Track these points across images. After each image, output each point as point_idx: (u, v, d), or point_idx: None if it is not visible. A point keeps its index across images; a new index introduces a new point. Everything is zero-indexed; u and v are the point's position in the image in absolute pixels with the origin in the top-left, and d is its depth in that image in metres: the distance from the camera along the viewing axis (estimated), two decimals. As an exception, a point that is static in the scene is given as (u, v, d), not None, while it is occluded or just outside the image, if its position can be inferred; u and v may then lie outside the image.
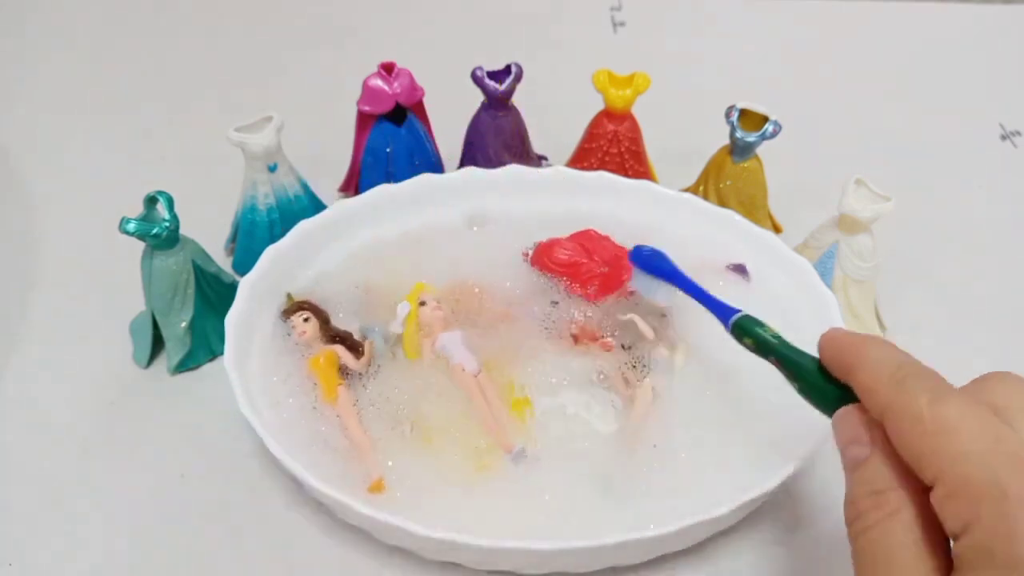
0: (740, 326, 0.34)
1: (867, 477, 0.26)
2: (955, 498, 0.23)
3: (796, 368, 0.31)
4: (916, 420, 0.24)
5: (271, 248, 0.44)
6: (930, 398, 0.25)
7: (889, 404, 0.25)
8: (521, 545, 0.32)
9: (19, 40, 0.72)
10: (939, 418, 0.24)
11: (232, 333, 0.39)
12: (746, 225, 0.46)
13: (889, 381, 0.26)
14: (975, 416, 0.24)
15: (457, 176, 0.49)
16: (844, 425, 0.28)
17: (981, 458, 0.23)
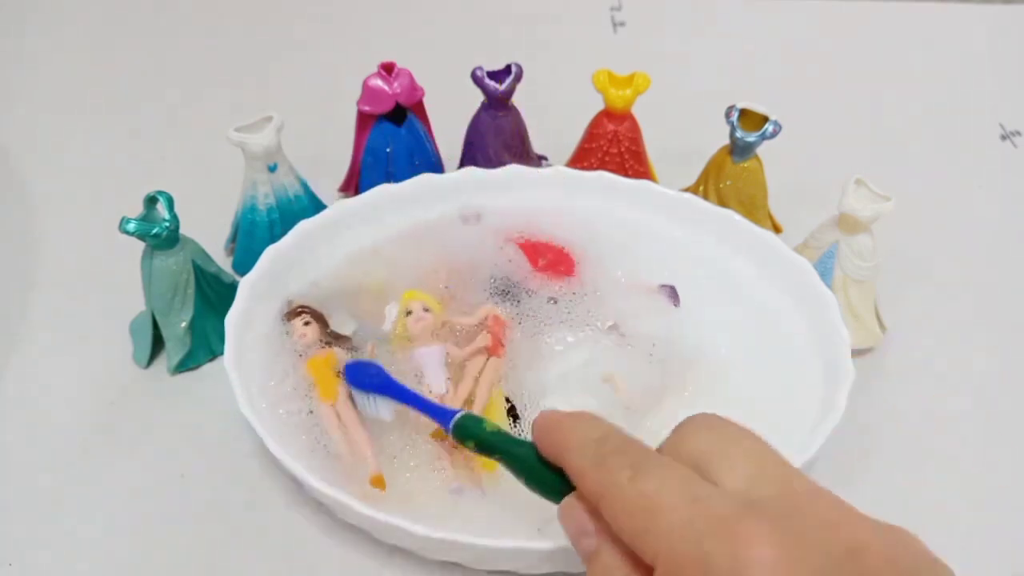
0: (460, 428, 0.33)
1: (603, 568, 0.25)
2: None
3: (518, 461, 0.30)
4: (621, 501, 0.24)
5: (271, 248, 0.44)
6: (630, 474, 0.24)
7: (595, 489, 0.25)
8: (521, 545, 0.32)
9: (19, 40, 0.72)
10: (641, 495, 0.24)
11: (232, 333, 0.39)
12: (746, 225, 0.46)
13: (592, 462, 0.26)
14: (675, 482, 0.24)
15: (457, 176, 0.49)
16: (568, 518, 0.27)
17: (684, 531, 0.23)
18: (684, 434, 0.27)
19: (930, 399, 0.45)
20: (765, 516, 0.22)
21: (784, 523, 0.22)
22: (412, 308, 0.42)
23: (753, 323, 0.43)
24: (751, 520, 0.22)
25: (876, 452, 0.42)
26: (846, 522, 0.23)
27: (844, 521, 0.23)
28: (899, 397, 0.45)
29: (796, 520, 0.23)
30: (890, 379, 0.46)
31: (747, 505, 0.23)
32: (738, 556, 0.21)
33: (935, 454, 0.42)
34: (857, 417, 0.39)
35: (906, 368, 0.46)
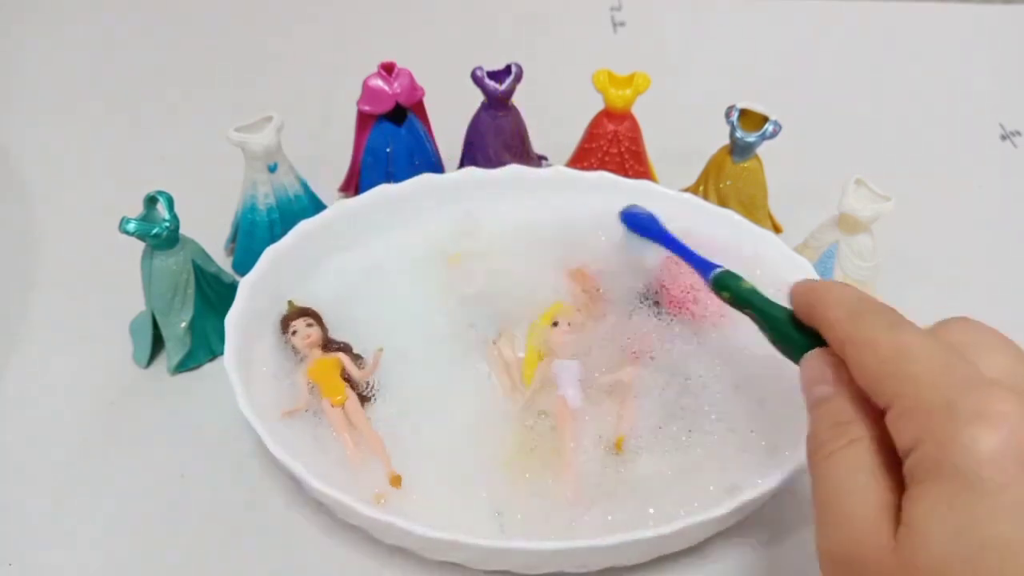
0: (719, 280, 0.36)
1: (830, 412, 0.27)
2: (906, 417, 0.24)
3: (769, 318, 0.32)
4: (873, 347, 0.25)
5: (271, 248, 0.44)
6: (887, 327, 0.26)
7: (848, 335, 0.27)
8: (521, 545, 0.32)
9: (19, 40, 0.72)
10: (894, 344, 0.25)
11: (232, 333, 0.39)
12: (746, 225, 0.46)
13: (849, 315, 0.27)
14: (928, 344, 0.25)
15: (457, 176, 0.49)
16: (810, 367, 0.28)
17: (932, 379, 0.24)
18: (943, 326, 0.28)
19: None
20: (1015, 392, 0.23)
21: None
22: (559, 321, 0.42)
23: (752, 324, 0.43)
24: (1003, 389, 0.23)
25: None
26: None
27: None
28: (899, 397, 0.45)
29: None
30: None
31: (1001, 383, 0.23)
32: (983, 407, 0.22)
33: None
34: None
35: (906, 368, 0.46)
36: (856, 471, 0.25)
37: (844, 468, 0.25)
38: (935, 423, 0.23)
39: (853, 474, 0.25)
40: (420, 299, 0.44)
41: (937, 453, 0.22)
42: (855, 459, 0.25)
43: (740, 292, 0.34)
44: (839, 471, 0.25)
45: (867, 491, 0.24)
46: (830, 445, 0.26)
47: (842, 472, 0.25)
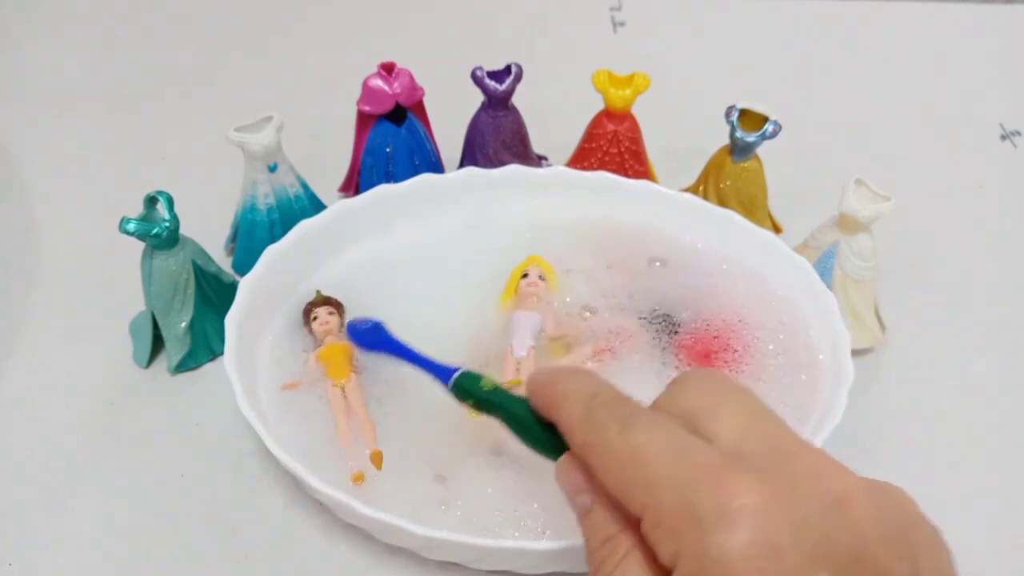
0: (459, 386, 0.33)
1: (596, 525, 0.25)
2: (658, 529, 0.23)
3: (514, 418, 0.30)
4: (609, 454, 0.24)
5: (271, 248, 0.44)
6: (619, 428, 0.24)
7: (584, 442, 0.25)
8: (521, 545, 0.32)
9: (19, 40, 0.72)
10: (629, 446, 0.24)
11: (232, 333, 0.39)
12: (746, 225, 0.46)
13: (582, 417, 0.26)
14: (663, 435, 0.24)
15: (457, 176, 0.49)
16: (564, 475, 0.27)
17: (670, 479, 0.23)
18: (678, 389, 0.27)
19: (930, 399, 0.45)
20: (752, 466, 0.22)
21: (770, 473, 0.22)
22: (529, 272, 0.43)
23: (753, 323, 0.43)
24: (737, 470, 0.22)
25: (876, 452, 0.42)
26: (834, 474, 0.23)
27: (832, 473, 0.23)
28: (899, 397, 0.45)
29: (783, 471, 0.23)
30: (890, 379, 0.46)
31: (734, 457, 0.23)
32: (723, 504, 0.21)
33: (935, 454, 0.42)
34: (857, 417, 0.39)
35: (906, 368, 0.46)
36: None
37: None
38: (684, 536, 0.22)
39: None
40: (420, 298, 0.44)
41: (696, 570, 0.21)
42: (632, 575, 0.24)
43: (481, 395, 0.32)
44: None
45: None
46: (607, 564, 0.24)
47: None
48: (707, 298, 0.45)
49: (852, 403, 0.37)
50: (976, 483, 0.41)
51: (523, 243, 0.47)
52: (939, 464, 0.42)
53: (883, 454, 0.42)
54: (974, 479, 0.41)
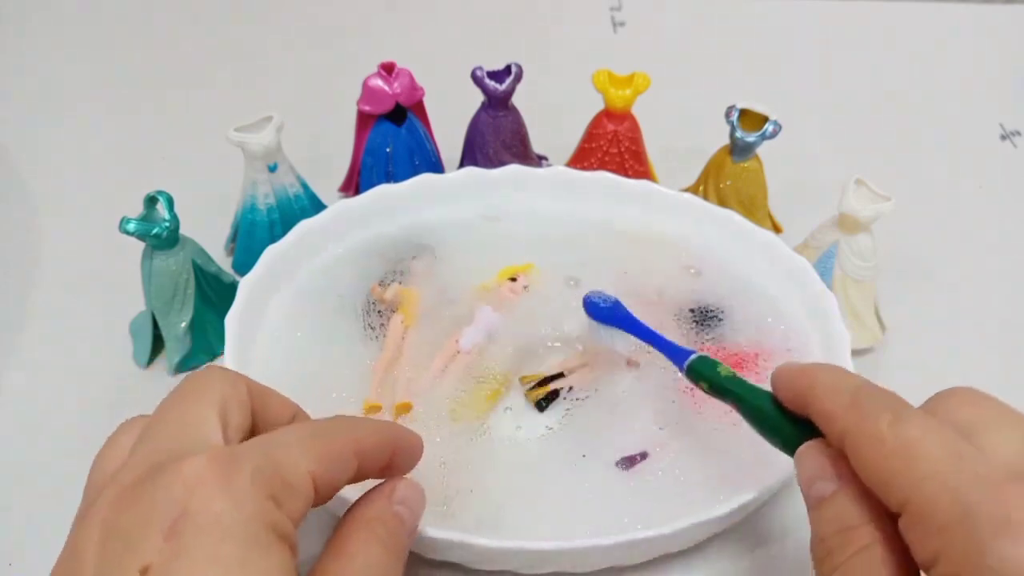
0: (694, 369, 0.33)
1: (835, 513, 0.25)
2: (922, 526, 0.22)
3: (753, 407, 0.30)
4: (878, 442, 0.24)
5: (271, 248, 0.44)
6: (891, 419, 0.24)
7: (848, 428, 0.25)
8: (521, 545, 0.32)
9: (19, 40, 0.72)
10: (901, 439, 0.23)
11: (232, 333, 0.39)
12: (746, 225, 0.46)
13: (847, 405, 0.25)
14: (938, 435, 0.23)
15: (457, 176, 0.49)
16: (807, 461, 0.26)
17: (946, 480, 0.22)
18: (945, 401, 0.26)
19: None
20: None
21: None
22: (518, 278, 0.44)
23: (752, 323, 0.43)
24: (1019, 484, 0.21)
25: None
26: None
27: None
28: (899, 397, 0.45)
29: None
30: (890, 379, 0.45)
31: (1014, 472, 0.22)
32: (1006, 515, 0.20)
33: (935, 454, 0.42)
34: (857, 417, 0.39)
35: (906, 368, 0.46)
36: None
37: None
38: (954, 536, 0.21)
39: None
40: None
41: (963, 572, 0.21)
42: (869, 571, 0.23)
43: (718, 380, 0.32)
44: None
45: None
46: (839, 554, 0.24)
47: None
48: (706, 299, 0.45)
49: (852, 403, 0.37)
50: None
51: (523, 243, 0.47)
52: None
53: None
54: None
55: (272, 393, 0.30)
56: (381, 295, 0.44)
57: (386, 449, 0.29)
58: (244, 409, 0.27)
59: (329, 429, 0.27)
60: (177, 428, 0.26)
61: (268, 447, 0.25)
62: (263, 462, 0.24)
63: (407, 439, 0.30)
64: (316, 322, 0.43)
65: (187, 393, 0.27)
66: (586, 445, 0.38)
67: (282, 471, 0.24)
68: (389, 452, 0.29)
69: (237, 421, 0.27)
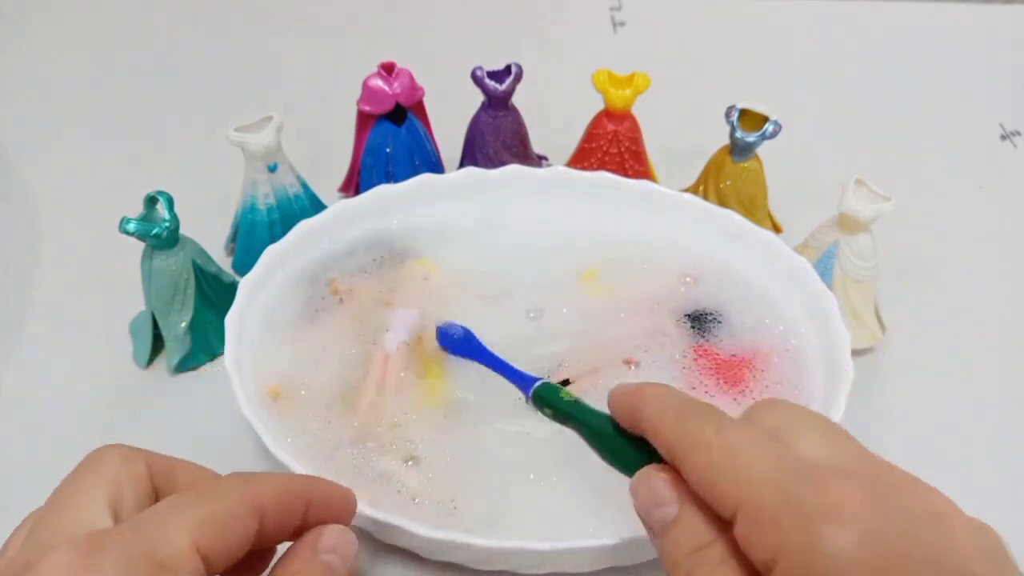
0: (539, 396, 0.34)
1: (683, 535, 0.25)
2: (756, 526, 0.22)
3: (593, 429, 0.30)
4: (705, 450, 0.24)
5: (271, 248, 0.44)
6: (715, 428, 0.25)
7: (677, 439, 0.25)
8: (521, 545, 0.32)
9: (19, 40, 0.72)
10: (726, 443, 0.24)
11: (232, 333, 0.39)
12: (746, 225, 0.46)
13: (675, 420, 0.26)
14: (759, 439, 0.24)
15: (457, 176, 0.49)
16: (644, 487, 0.26)
17: (771, 476, 0.23)
18: (756, 411, 0.27)
19: (930, 399, 0.45)
20: (851, 476, 0.22)
21: (869, 484, 0.22)
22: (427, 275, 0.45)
23: (752, 323, 0.43)
24: (838, 477, 0.22)
25: (876, 452, 0.42)
26: (928, 491, 0.23)
27: (926, 491, 0.23)
28: (899, 397, 0.45)
29: (880, 484, 0.23)
30: (890, 379, 0.46)
31: (830, 467, 0.23)
32: (831, 502, 0.21)
33: (935, 454, 0.42)
34: (857, 417, 0.39)
35: (906, 368, 0.46)
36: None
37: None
38: (788, 530, 0.22)
39: None
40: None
41: (803, 563, 0.21)
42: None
43: (560, 405, 0.32)
44: None
45: None
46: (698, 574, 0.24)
47: None
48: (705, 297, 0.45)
49: (852, 403, 0.37)
50: (976, 483, 0.41)
51: (523, 242, 0.47)
52: (939, 464, 0.42)
53: (883, 454, 0.41)
54: (974, 479, 0.41)
55: (180, 464, 0.29)
56: (336, 287, 0.44)
57: (294, 503, 0.27)
58: (140, 487, 0.27)
59: (217, 491, 0.26)
60: (58, 517, 0.25)
61: (141, 526, 0.24)
62: (132, 545, 0.23)
63: (323, 490, 0.29)
64: (313, 322, 0.43)
65: (75, 477, 0.26)
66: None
67: (155, 551, 0.23)
68: (300, 506, 0.28)
69: (132, 501, 0.26)
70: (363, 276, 0.45)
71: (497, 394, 0.39)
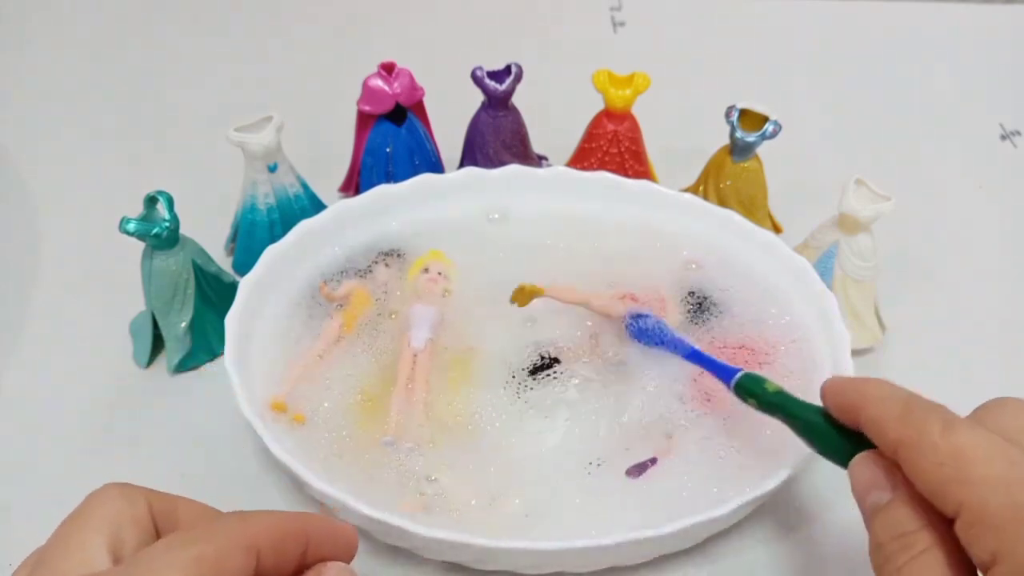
0: (742, 386, 0.34)
1: (892, 520, 0.26)
2: (979, 527, 0.23)
3: (803, 423, 0.31)
4: (931, 450, 0.24)
5: (271, 248, 0.44)
6: (941, 427, 0.25)
7: (901, 438, 0.26)
8: (521, 545, 0.32)
9: (19, 39, 0.72)
10: (953, 446, 0.24)
11: (232, 333, 0.39)
12: (746, 225, 0.46)
13: (898, 416, 0.26)
14: (988, 441, 0.24)
15: (457, 176, 0.49)
16: (861, 472, 0.27)
17: (999, 482, 0.23)
18: (992, 410, 0.27)
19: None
20: None
21: None
22: (430, 267, 0.44)
23: (752, 323, 0.43)
24: None
25: (876, 452, 0.42)
26: None
27: None
28: (899, 397, 0.45)
29: None
30: (890, 379, 0.45)
31: None
32: None
33: (935, 454, 0.42)
34: (857, 417, 0.39)
35: (906, 368, 0.46)
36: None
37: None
38: (1011, 535, 0.22)
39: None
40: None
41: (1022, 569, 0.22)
42: (928, 572, 0.24)
43: (766, 397, 0.33)
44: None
45: None
46: (897, 559, 0.25)
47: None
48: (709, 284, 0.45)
49: (852, 403, 0.37)
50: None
51: (523, 243, 0.47)
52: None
53: (883, 454, 0.42)
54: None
55: (181, 501, 0.29)
56: (330, 293, 0.44)
57: (292, 541, 0.27)
58: (141, 526, 0.26)
59: (212, 531, 0.26)
60: (58, 561, 0.25)
61: (135, 568, 0.24)
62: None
63: (324, 528, 0.28)
64: (312, 322, 0.43)
65: (75, 518, 0.26)
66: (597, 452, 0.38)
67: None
68: (298, 544, 0.27)
69: (133, 542, 0.26)
70: (363, 278, 0.45)
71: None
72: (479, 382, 0.41)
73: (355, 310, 0.43)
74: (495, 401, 0.40)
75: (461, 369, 0.41)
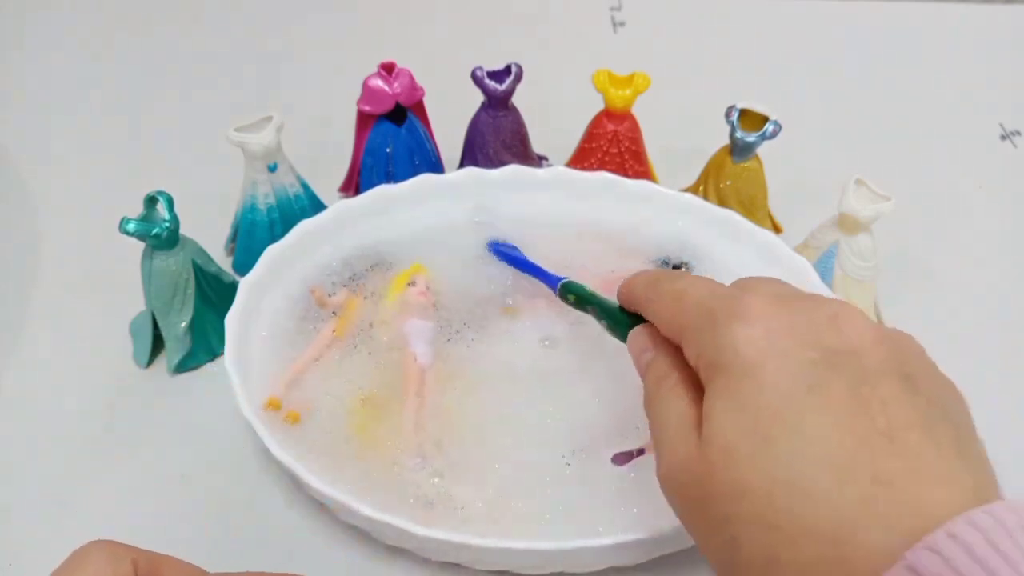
0: (565, 287, 0.40)
1: (655, 370, 0.30)
2: (688, 339, 0.28)
3: (604, 310, 0.37)
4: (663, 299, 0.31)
5: (271, 248, 0.44)
6: (671, 282, 0.31)
7: (647, 297, 0.32)
8: (521, 545, 0.32)
9: (19, 40, 0.72)
10: (675, 291, 0.30)
11: (232, 333, 0.39)
12: (746, 225, 0.46)
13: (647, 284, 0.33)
14: (701, 282, 0.30)
15: (457, 176, 0.49)
16: (634, 339, 0.33)
17: (700, 302, 0.28)
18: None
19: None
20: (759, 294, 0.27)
21: (778, 296, 0.27)
22: (416, 281, 0.44)
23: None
24: (748, 293, 0.28)
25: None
26: (834, 302, 0.27)
27: (833, 302, 0.27)
28: (899, 397, 0.45)
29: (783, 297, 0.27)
30: (890, 379, 0.46)
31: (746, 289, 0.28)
32: (735, 308, 0.27)
33: (935, 454, 0.42)
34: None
35: (906, 368, 0.46)
36: (673, 403, 0.28)
37: (665, 406, 0.28)
38: (704, 335, 0.27)
39: (671, 405, 0.28)
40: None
41: (713, 355, 0.26)
42: (673, 395, 0.28)
43: (582, 294, 0.39)
44: (661, 409, 0.29)
45: (681, 416, 0.27)
46: (659, 393, 0.29)
47: (663, 408, 0.28)
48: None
49: (852, 403, 0.37)
50: (976, 483, 0.41)
51: (523, 243, 0.47)
52: (939, 464, 0.42)
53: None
54: (974, 479, 0.41)
55: (166, 561, 0.29)
56: (322, 299, 0.43)
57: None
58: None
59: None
60: None
61: None
62: None
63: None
64: (312, 323, 0.43)
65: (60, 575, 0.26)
66: (581, 440, 0.38)
67: None
68: None
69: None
70: (358, 283, 0.45)
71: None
72: (483, 386, 0.41)
73: (349, 316, 0.43)
74: (496, 401, 0.40)
75: (464, 377, 0.41)
